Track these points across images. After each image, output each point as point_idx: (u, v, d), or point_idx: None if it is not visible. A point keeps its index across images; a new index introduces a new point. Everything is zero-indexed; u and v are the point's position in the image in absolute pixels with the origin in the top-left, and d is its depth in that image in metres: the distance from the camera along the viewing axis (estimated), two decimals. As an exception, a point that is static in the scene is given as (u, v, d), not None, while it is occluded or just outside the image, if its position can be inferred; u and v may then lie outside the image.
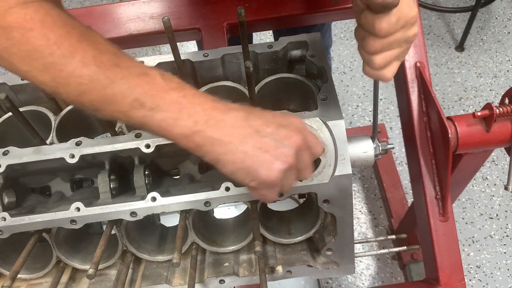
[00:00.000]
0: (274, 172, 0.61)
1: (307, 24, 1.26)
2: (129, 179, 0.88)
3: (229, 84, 0.93)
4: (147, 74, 0.60)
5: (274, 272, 0.89)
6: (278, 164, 0.60)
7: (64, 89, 0.59)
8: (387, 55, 0.69)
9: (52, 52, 0.57)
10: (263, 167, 0.60)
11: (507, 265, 1.98)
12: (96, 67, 0.58)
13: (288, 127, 0.63)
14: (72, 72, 0.58)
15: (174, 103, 0.60)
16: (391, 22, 0.64)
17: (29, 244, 0.79)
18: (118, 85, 0.59)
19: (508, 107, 0.97)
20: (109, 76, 0.58)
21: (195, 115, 0.60)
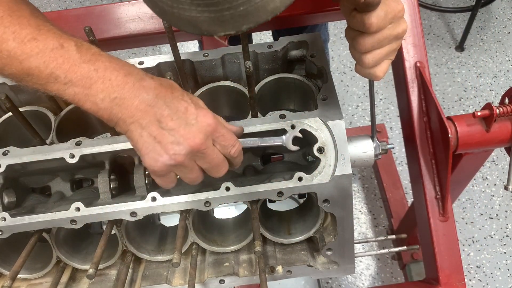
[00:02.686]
0: (158, 163, 0.63)
1: (307, 24, 1.26)
2: (129, 179, 0.88)
3: (229, 84, 0.93)
4: (62, 47, 0.62)
5: (274, 272, 0.89)
6: (165, 158, 0.63)
7: None
8: (376, 54, 0.70)
9: None
10: (149, 156, 0.63)
11: (507, 265, 1.98)
12: (14, 43, 0.61)
13: (193, 126, 0.64)
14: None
15: (85, 78, 0.62)
16: (379, 16, 0.66)
17: (29, 244, 0.79)
18: (35, 59, 0.61)
19: (508, 107, 0.97)
20: (25, 51, 0.61)
21: (103, 91, 0.62)
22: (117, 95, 0.62)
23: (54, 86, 0.62)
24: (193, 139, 0.63)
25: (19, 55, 0.61)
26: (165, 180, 0.67)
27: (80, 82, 0.62)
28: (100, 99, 0.62)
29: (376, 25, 0.66)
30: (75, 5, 2.82)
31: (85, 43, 0.64)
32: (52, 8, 2.79)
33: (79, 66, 0.62)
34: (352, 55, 0.73)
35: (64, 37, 0.63)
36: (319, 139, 0.77)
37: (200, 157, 0.65)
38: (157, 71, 0.92)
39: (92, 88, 0.62)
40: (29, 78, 0.62)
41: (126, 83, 0.63)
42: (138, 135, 0.63)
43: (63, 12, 1.15)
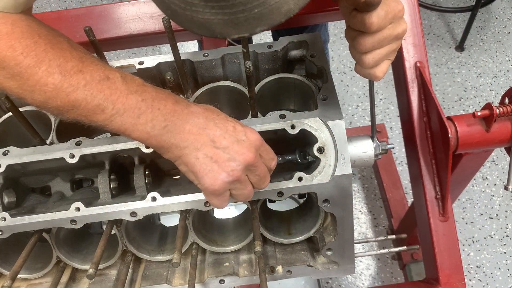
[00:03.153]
0: (218, 182, 0.64)
1: (307, 24, 1.25)
2: (129, 179, 0.88)
3: (229, 84, 0.93)
4: (108, 79, 0.63)
5: (274, 272, 0.89)
6: (224, 175, 0.64)
7: (30, 96, 0.62)
8: (377, 54, 0.70)
9: (18, 63, 0.60)
10: (208, 176, 0.64)
11: (507, 265, 1.98)
12: (60, 76, 0.61)
13: (243, 143, 0.66)
14: (37, 81, 0.61)
15: (133, 109, 0.63)
16: (380, 16, 0.66)
17: (29, 244, 0.79)
18: (81, 92, 0.61)
19: (508, 107, 0.97)
20: (72, 83, 0.61)
21: (153, 120, 0.63)
22: (168, 122, 0.64)
23: (100, 117, 0.63)
24: (247, 154, 0.65)
25: (65, 88, 0.61)
26: (221, 199, 0.68)
27: (128, 112, 0.63)
28: (150, 127, 0.63)
29: (376, 24, 0.66)
30: (75, 5, 2.82)
31: (129, 74, 0.66)
32: (52, 8, 2.79)
33: (127, 97, 0.63)
34: (352, 55, 0.74)
35: (108, 68, 0.64)
36: (319, 139, 0.77)
37: (252, 171, 0.67)
38: (157, 71, 0.92)
39: (140, 117, 0.63)
40: (74, 110, 0.63)
41: (175, 111, 0.64)
42: (194, 158, 0.64)
43: (63, 12, 1.15)
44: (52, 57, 0.61)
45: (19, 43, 0.60)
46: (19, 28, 0.61)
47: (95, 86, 0.62)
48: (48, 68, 0.61)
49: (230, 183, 0.65)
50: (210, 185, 0.65)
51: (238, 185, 0.67)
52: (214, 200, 0.68)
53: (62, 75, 0.61)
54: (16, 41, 0.60)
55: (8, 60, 0.60)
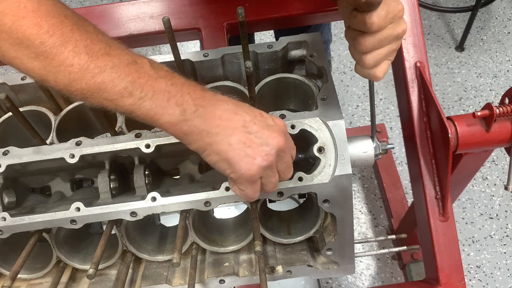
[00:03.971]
0: (254, 167, 0.63)
1: (308, 24, 1.26)
2: (129, 179, 0.88)
3: (229, 84, 0.93)
4: (136, 63, 0.61)
5: (274, 272, 0.89)
6: (259, 160, 0.63)
7: (54, 77, 0.60)
8: (377, 54, 0.70)
9: (43, 41, 0.58)
10: (244, 161, 0.62)
11: (507, 265, 1.98)
12: (87, 56, 0.59)
13: (273, 128, 0.65)
14: (63, 61, 0.58)
15: (162, 92, 0.61)
16: (380, 15, 0.66)
17: (29, 244, 0.79)
18: (108, 73, 0.59)
19: (508, 107, 0.97)
20: (99, 65, 0.59)
21: (183, 104, 0.61)
22: (199, 107, 0.62)
23: (128, 101, 0.60)
24: (279, 138, 0.64)
25: (92, 69, 0.59)
26: (255, 188, 0.66)
27: (158, 95, 0.60)
28: (180, 111, 0.61)
29: (377, 24, 0.66)
30: (75, 5, 2.82)
31: (155, 61, 0.64)
32: (52, 8, 2.79)
33: (156, 81, 0.61)
34: (352, 55, 0.74)
35: (135, 54, 0.63)
36: (319, 139, 0.77)
37: (281, 157, 0.66)
38: (157, 71, 0.91)
39: (170, 101, 0.61)
40: (99, 94, 0.60)
41: (204, 96, 0.63)
42: (226, 145, 0.62)
43: (63, 12, 1.15)
44: (78, 37, 0.59)
45: (45, 21, 0.58)
46: (45, 6, 0.59)
47: (123, 69, 0.60)
48: (74, 48, 0.58)
49: (265, 168, 0.64)
50: (247, 170, 0.63)
51: (269, 172, 0.65)
52: (249, 189, 0.66)
53: (89, 56, 0.59)
54: (42, 18, 0.58)
55: (33, 38, 0.57)
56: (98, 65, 0.59)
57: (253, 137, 0.63)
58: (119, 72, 0.59)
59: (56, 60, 0.58)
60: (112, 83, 0.59)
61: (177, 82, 0.62)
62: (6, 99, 0.76)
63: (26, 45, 0.58)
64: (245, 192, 0.67)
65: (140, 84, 0.60)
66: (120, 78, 0.59)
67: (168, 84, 0.61)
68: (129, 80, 0.60)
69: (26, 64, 0.59)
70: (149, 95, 0.60)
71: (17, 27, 0.57)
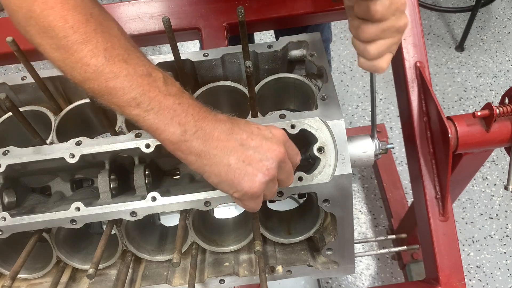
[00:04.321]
0: (256, 184, 0.63)
1: (307, 24, 1.26)
2: (129, 179, 0.88)
3: (229, 84, 0.93)
4: (150, 75, 0.62)
5: (274, 272, 0.89)
6: (260, 176, 0.63)
7: (70, 72, 0.61)
8: (380, 44, 0.72)
9: (66, 35, 0.59)
10: (245, 180, 0.63)
11: (507, 265, 1.98)
12: (104, 60, 0.60)
13: (271, 140, 0.65)
14: (81, 59, 0.60)
15: (168, 109, 0.62)
16: (385, 4, 0.68)
17: (29, 244, 0.79)
18: (121, 81, 0.60)
19: (508, 107, 0.97)
20: (114, 70, 0.60)
21: (185, 124, 0.62)
22: (199, 128, 0.62)
23: (134, 111, 0.61)
24: (278, 151, 0.64)
25: (106, 73, 0.60)
26: (257, 202, 0.67)
27: (163, 112, 0.61)
28: (181, 131, 0.62)
29: (380, 12, 0.68)
30: (75, 5, 2.81)
31: (170, 77, 0.65)
32: (52, 8, 2.79)
33: (165, 97, 0.62)
34: (356, 46, 0.75)
35: (151, 66, 0.64)
36: (319, 139, 0.77)
37: (282, 167, 0.66)
38: (157, 71, 0.91)
39: (173, 120, 0.62)
40: (110, 98, 0.61)
41: (205, 118, 0.63)
42: (226, 166, 0.62)
43: (63, 12, 1.15)
44: (100, 39, 0.60)
45: (71, 16, 0.59)
46: (73, 0, 0.60)
47: (136, 79, 0.61)
48: (93, 49, 0.60)
49: (267, 183, 0.64)
50: (250, 189, 0.63)
51: (271, 184, 0.66)
52: (252, 204, 0.67)
53: (106, 59, 0.60)
54: (68, 12, 0.59)
55: (58, 30, 0.59)
56: (113, 70, 0.60)
57: (251, 153, 0.63)
58: (131, 82, 0.61)
59: (75, 56, 0.60)
60: (122, 90, 0.60)
61: (184, 102, 0.63)
62: (6, 99, 0.76)
63: (50, 35, 0.59)
64: (248, 207, 0.68)
65: (149, 98, 0.61)
66: (131, 88, 0.60)
67: (175, 103, 0.62)
68: (139, 91, 0.61)
69: (49, 53, 0.61)
70: (155, 110, 0.61)
71: (45, 16, 0.59)
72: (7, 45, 0.78)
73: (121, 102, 0.61)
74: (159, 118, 0.61)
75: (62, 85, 0.92)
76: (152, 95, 0.61)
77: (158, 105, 0.61)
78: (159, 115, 0.61)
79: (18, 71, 2.53)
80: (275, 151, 0.64)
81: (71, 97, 0.95)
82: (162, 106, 0.61)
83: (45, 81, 0.88)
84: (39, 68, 0.85)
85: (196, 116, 0.63)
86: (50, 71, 0.90)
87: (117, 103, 0.61)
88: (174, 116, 0.62)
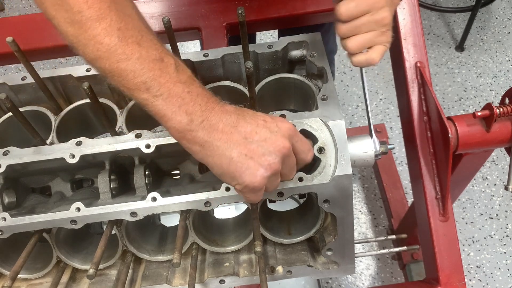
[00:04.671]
0: (257, 178, 0.63)
1: (307, 24, 1.25)
2: (129, 179, 0.88)
3: (229, 84, 0.93)
4: (162, 61, 0.62)
5: (274, 272, 0.89)
6: (262, 170, 0.63)
7: (83, 49, 0.61)
8: (358, 39, 0.74)
9: (80, 11, 0.58)
10: (247, 173, 0.63)
11: (507, 265, 1.98)
12: (117, 40, 0.59)
13: (276, 133, 0.64)
14: (94, 36, 0.59)
15: (177, 97, 0.61)
16: (349, 6, 0.71)
17: (29, 244, 0.79)
18: (132, 63, 0.60)
19: (508, 107, 0.97)
20: (126, 52, 0.60)
21: (192, 114, 0.62)
22: (205, 119, 0.62)
23: (143, 95, 0.61)
24: (282, 145, 0.64)
25: (119, 54, 0.59)
26: (258, 195, 0.67)
27: (171, 99, 0.61)
28: (187, 120, 0.62)
29: (345, 14, 0.72)
30: (75, 5, 2.81)
31: (182, 64, 0.65)
32: (52, 8, 2.79)
33: (175, 84, 0.61)
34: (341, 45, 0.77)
35: (164, 51, 0.63)
36: (319, 139, 0.77)
37: (285, 161, 0.66)
38: (157, 71, 0.91)
39: (181, 108, 0.61)
40: (119, 79, 0.61)
41: (213, 109, 0.63)
42: (228, 158, 0.62)
43: (63, 12, 1.15)
44: (115, 17, 0.60)
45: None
46: None
47: (147, 63, 0.60)
48: (107, 28, 0.59)
49: (269, 177, 0.64)
50: (250, 183, 0.63)
51: (273, 178, 0.65)
52: (253, 196, 0.66)
53: (119, 39, 0.59)
54: None
55: (72, 4, 0.58)
56: (125, 52, 0.60)
57: (255, 146, 0.63)
58: (143, 65, 0.60)
59: (89, 33, 0.59)
60: (133, 73, 0.60)
61: (193, 90, 0.63)
62: (6, 99, 0.76)
63: (65, 8, 0.59)
64: (249, 199, 0.68)
65: (159, 83, 0.61)
66: (142, 71, 0.60)
67: (185, 91, 0.62)
68: (150, 75, 0.60)
69: (62, 27, 0.60)
70: (164, 96, 0.61)
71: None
72: (7, 45, 0.78)
73: (131, 85, 0.61)
74: (167, 105, 0.61)
75: (62, 85, 0.92)
76: (162, 81, 0.61)
77: (167, 92, 0.61)
78: (167, 102, 0.61)
79: (18, 71, 2.53)
80: (279, 145, 0.64)
81: (71, 97, 0.95)
82: (171, 93, 0.61)
83: (45, 81, 0.88)
84: (39, 68, 0.85)
85: (204, 106, 0.63)
86: (50, 71, 0.90)
87: (126, 85, 0.61)
88: (182, 105, 0.61)
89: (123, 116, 0.88)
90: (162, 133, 0.79)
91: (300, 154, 0.68)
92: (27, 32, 1.12)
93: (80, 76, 0.89)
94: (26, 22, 1.14)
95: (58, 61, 2.62)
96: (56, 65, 2.59)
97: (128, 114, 0.89)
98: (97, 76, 0.89)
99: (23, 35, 1.10)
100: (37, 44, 1.11)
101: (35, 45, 1.11)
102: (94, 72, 0.89)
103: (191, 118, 0.61)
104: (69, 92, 0.94)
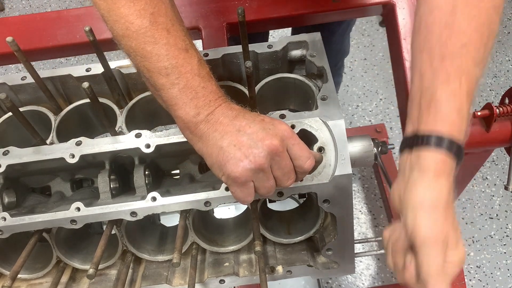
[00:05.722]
0: (239, 168, 0.63)
1: (307, 24, 1.26)
2: (129, 179, 0.88)
3: (229, 84, 0.93)
4: (187, 51, 0.64)
5: (274, 272, 0.89)
6: (246, 162, 0.63)
7: (112, 24, 0.63)
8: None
9: None
10: (231, 163, 0.63)
11: (507, 265, 1.98)
12: (148, 23, 0.61)
13: (269, 131, 0.65)
14: (126, 15, 0.61)
15: (191, 89, 0.63)
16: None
17: (29, 244, 0.79)
18: (158, 47, 0.62)
19: (508, 107, 0.97)
20: (155, 36, 0.62)
21: (201, 108, 0.64)
22: (210, 113, 0.64)
23: (161, 80, 0.63)
24: (270, 141, 0.64)
25: (148, 36, 0.61)
26: (245, 191, 0.66)
27: (186, 90, 0.63)
28: (195, 113, 0.63)
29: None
30: (75, 5, 2.81)
31: (203, 59, 0.66)
32: (52, 8, 2.79)
33: (193, 77, 0.63)
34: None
35: (191, 43, 0.65)
36: (319, 139, 0.77)
37: (276, 161, 0.65)
38: (157, 71, 0.91)
39: (192, 101, 0.63)
40: (141, 60, 0.63)
41: (220, 106, 0.65)
42: (218, 148, 0.63)
43: (63, 12, 1.15)
44: (149, 2, 0.62)
45: None
46: None
47: (173, 51, 0.62)
48: (141, 10, 0.61)
49: (253, 171, 0.63)
50: (232, 171, 0.63)
51: (261, 175, 0.65)
52: (238, 192, 0.66)
53: (151, 23, 0.61)
54: None
55: None
56: (154, 35, 0.62)
57: (245, 139, 0.63)
58: (168, 51, 0.62)
59: (121, 11, 0.61)
60: (157, 57, 0.62)
61: (208, 86, 0.65)
62: (6, 99, 0.76)
63: None
64: (235, 195, 0.67)
65: (179, 72, 0.63)
66: (166, 57, 0.62)
67: (200, 85, 0.64)
68: (173, 63, 0.62)
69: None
70: (180, 86, 0.63)
71: None
72: (7, 45, 0.78)
73: (152, 68, 0.62)
74: (181, 95, 0.63)
75: (62, 85, 0.92)
76: (183, 70, 0.63)
77: (184, 82, 0.63)
78: (181, 92, 0.63)
79: (18, 71, 2.53)
80: (267, 141, 0.63)
81: (71, 97, 0.95)
82: (187, 84, 0.63)
83: (45, 81, 0.88)
84: (39, 68, 0.85)
85: (213, 102, 0.64)
86: (50, 71, 0.90)
87: (147, 67, 0.63)
88: (194, 98, 0.63)
89: (123, 116, 0.88)
90: (162, 133, 0.79)
91: (296, 159, 0.67)
92: (27, 32, 1.12)
93: (80, 76, 0.89)
94: (26, 22, 1.14)
95: (58, 61, 2.62)
96: (56, 65, 2.59)
97: (128, 114, 0.89)
98: (97, 76, 0.89)
99: (23, 35, 1.10)
100: (37, 44, 1.11)
101: (35, 45, 1.11)
102: (94, 72, 0.89)
103: (199, 111, 0.63)
104: (69, 92, 0.94)
